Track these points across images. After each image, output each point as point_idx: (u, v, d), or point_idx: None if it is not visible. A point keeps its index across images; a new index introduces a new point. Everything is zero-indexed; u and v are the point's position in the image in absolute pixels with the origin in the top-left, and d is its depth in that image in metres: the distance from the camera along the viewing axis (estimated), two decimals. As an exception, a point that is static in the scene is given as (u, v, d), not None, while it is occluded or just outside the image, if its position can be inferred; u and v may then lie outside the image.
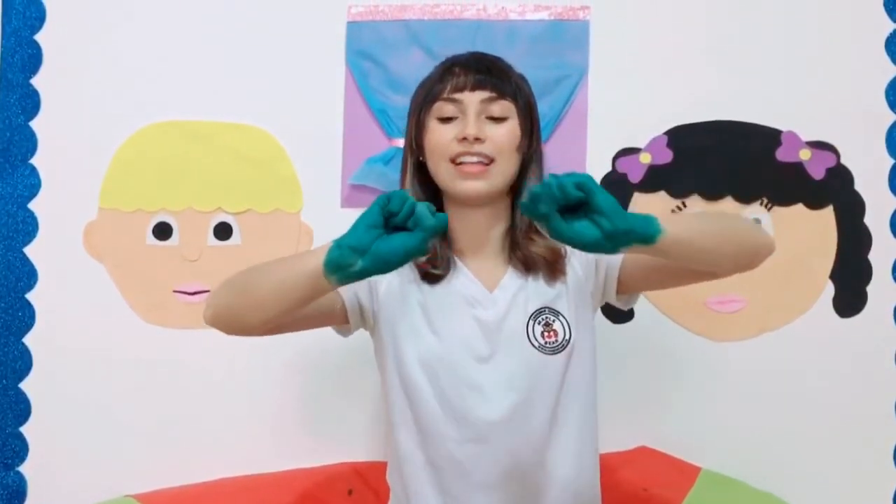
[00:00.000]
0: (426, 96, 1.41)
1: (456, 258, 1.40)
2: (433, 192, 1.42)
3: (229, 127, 1.90)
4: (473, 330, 1.35)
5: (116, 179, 1.90)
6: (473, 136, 1.33)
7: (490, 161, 1.35)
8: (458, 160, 1.35)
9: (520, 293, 1.37)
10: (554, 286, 1.37)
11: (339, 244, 1.18)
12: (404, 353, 1.35)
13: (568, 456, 1.34)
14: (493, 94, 1.37)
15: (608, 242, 1.13)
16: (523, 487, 1.33)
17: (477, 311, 1.36)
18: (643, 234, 1.15)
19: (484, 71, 1.39)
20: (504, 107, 1.37)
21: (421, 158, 1.41)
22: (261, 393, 1.87)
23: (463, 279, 1.38)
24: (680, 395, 1.84)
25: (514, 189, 1.41)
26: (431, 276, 1.38)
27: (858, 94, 1.86)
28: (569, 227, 1.12)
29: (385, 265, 1.16)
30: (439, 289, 1.38)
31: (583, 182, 1.12)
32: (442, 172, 1.37)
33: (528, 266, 1.38)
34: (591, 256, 1.39)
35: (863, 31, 1.87)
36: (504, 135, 1.36)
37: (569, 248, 1.37)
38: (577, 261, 1.40)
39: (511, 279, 1.38)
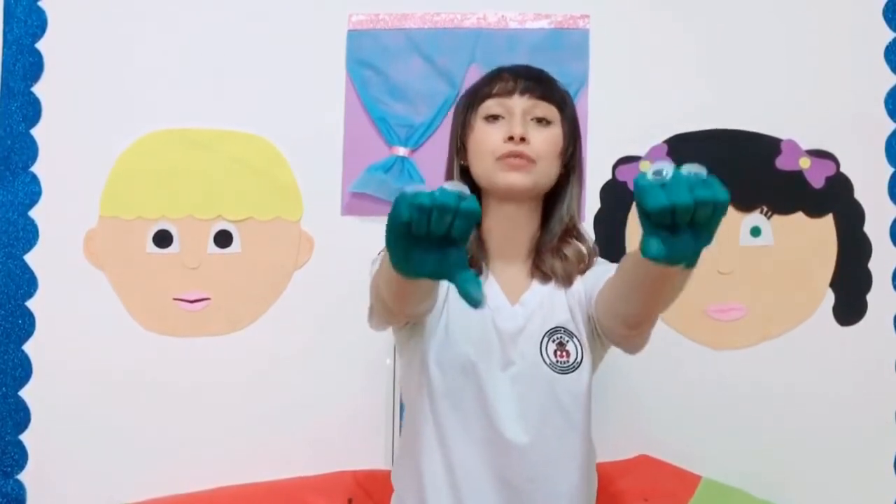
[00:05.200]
0: (473, 98, 1.42)
1: (484, 266, 1.40)
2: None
3: (230, 135, 1.91)
4: (492, 338, 1.35)
5: (117, 187, 1.90)
6: (520, 136, 1.34)
7: (532, 162, 1.36)
8: (504, 160, 1.36)
9: (539, 310, 1.37)
10: (569, 303, 1.38)
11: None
12: (427, 350, 1.36)
13: (573, 469, 1.35)
14: (540, 98, 1.38)
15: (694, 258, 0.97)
16: (527, 496, 1.33)
17: (497, 320, 1.36)
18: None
19: (533, 78, 1.41)
20: (549, 111, 1.39)
21: (463, 162, 1.42)
22: (260, 401, 1.86)
23: (489, 288, 1.38)
24: (680, 403, 1.84)
25: (548, 197, 1.42)
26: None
27: (858, 103, 1.87)
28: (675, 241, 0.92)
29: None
30: None
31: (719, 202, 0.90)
32: (485, 168, 1.38)
33: (551, 279, 1.39)
34: (591, 278, 1.39)
35: (862, 41, 1.88)
36: (548, 139, 1.37)
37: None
38: (582, 281, 1.40)
39: (533, 295, 1.39)
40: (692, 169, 0.89)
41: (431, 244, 0.91)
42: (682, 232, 0.90)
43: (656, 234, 0.90)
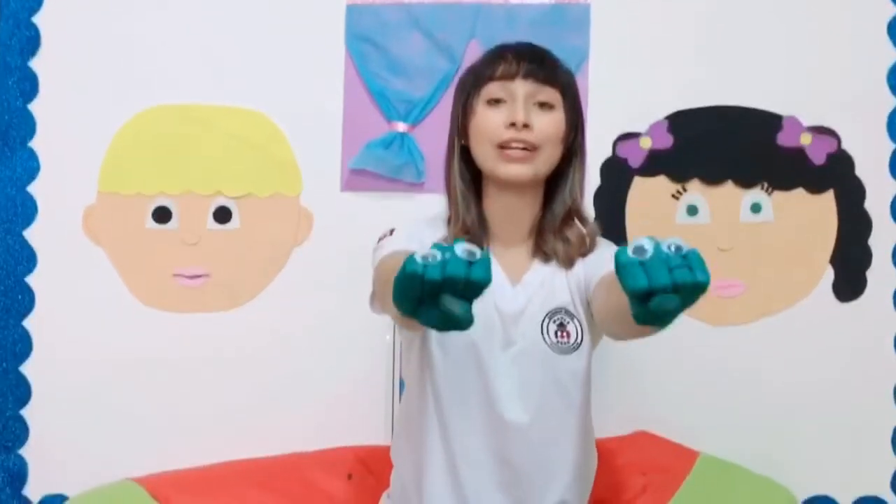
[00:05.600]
0: (476, 80, 1.40)
1: (486, 245, 1.40)
2: (474, 176, 1.42)
3: (229, 111, 1.90)
4: (493, 318, 1.36)
5: (115, 163, 1.90)
6: (522, 122, 1.33)
7: (534, 149, 1.35)
8: (504, 146, 1.35)
9: (539, 290, 1.38)
10: (569, 284, 1.38)
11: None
12: (428, 331, 1.36)
13: (572, 449, 1.36)
14: (544, 83, 1.37)
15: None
16: (526, 475, 1.34)
17: (498, 301, 1.36)
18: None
19: (536, 60, 1.38)
20: (552, 95, 1.37)
21: (464, 142, 1.41)
22: (261, 377, 1.87)
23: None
24: (679, 379, 1.84)
25: (551, 178, 1.41)
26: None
27: (860, 80, 1.86)
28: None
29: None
30: None
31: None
32: (486, 156, 1.37)
33: (552, 259, 1.39)
34: (592, 263, 1.39)
35: (864, 16, 1.86)
36: (550, 123, 1.36)
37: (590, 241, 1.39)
38: (583, 264, 1.40)
39: (534, 275, 1.39)
40: (673, 244, 0.90)
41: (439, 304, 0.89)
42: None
43: (638, 306, 0.91)
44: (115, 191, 1.89)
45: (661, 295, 0.88)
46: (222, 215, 1.89)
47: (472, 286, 0.87)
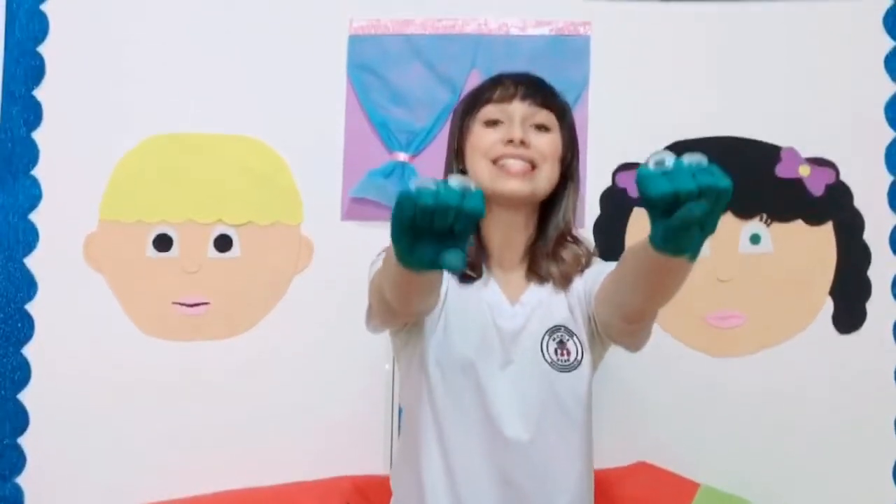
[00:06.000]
0: (473, 102, 1.42)
1: (485, 268, 1.41)
2: None
3: (230, 139, 1.91)
4: (493, 337, 1.36)
5: (117, 191, 1.90)
6: (519, 139, 1.35)
7: (533, 167, 1.36)
8: (501, 161, 1.36)
9: (538, 308, 1.38)
10: (569, 303, 1.38)
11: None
12: (426, 351, 1.36)
13: (574, 468, 1.35)
14: (541, 106, 1.39)
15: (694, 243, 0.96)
16: (527, 494, 1.33)
17: (497, 320, 1.37)
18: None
19: (533, 85, 1.41)
20: (549, 118, 1.39)
21: (461, 167, 1.42)
22: (259, 406, 1.86)
23: (489, 288, 1.39)
24: (679, 410, 1.83)
25: (545, 203, 1.42)
26: (467, 277, 1.38)
27: (858, 111, 1.87)
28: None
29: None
30: (465, 293, 1.38)
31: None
32: (484, 173, 1.37)
33: (548, 281, 1.39)
34: (590, 277, 1.39)
35: (862, 49, 1.88)
36: (548, 143, 1.38)
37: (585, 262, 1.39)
38: (582, 280, 1.40)
39: (532, 294, 1.39)
40: (693, 158, 0.91)
41: (435, 237, 0.93)
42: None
43: (663, 223, 0.92)
44: (116, 218, 1.90)
45: (686, 205, 0.89)
46: (223, 243, 1.90)
47: (464, 214, 0.90)
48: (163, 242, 1.90)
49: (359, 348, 1.77)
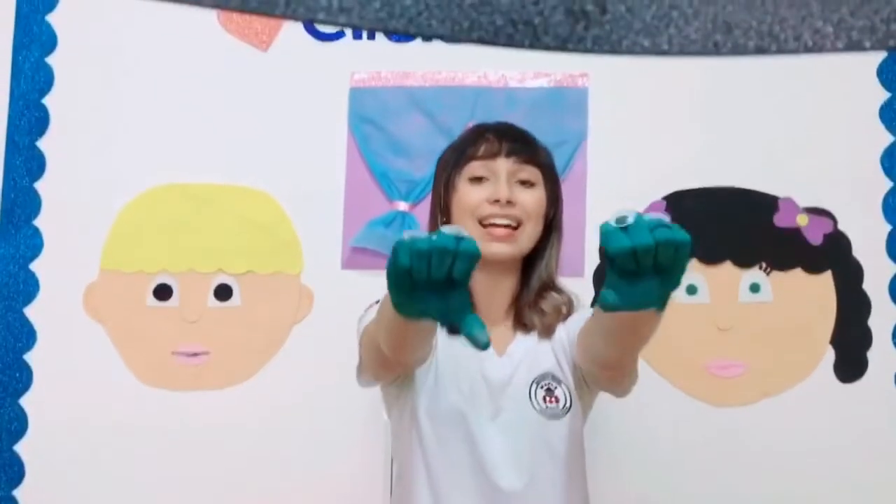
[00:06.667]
0: (458, 158, 1.43)
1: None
2: None
3: (231, 189, 1.92)
4: (480, 387, 1.36)
5: (118, 241, 1.91)
6: (506, 199, 1.36)
7: (518, 224, 1.37)
8: (487, 222, 1.37)
9: (525, 359, 1.38)
10: (554, 351, 1.38)
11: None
12: (417, 402, 1.35)
13: None
14: (525, 162, 1.40)
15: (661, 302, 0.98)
16: None
17: (485, 370, 1.37)
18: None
19: (517, 139, 1.42)
20: (533, 173, 1.40)
21: (445, 220, 1.42)
22: (257, 456, 1.85)
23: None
24: (679, 460, 1.82)
25: (528, 255, 1.42)
26: (456, 330, 1.38)
27: (854, 162, 1.88)
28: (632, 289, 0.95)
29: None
30: (454, 344, 1.38)
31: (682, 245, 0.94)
32: (469, 232, 1.37)
33: (532, 331, 1.40)
34: (572, 325, 1.39)
35: (857, 100, 1.90)
36: (533, 200, 1.39)
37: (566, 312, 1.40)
38: (564, 328, 1.41)
39: (518, 345, 1.40)
40: (654, 216, 0.95)
41: (433, 288, 0.94)
42: (648, 277, 0.94)
43: (618, 283, 0.94)
44: (116, 268, 1.90)
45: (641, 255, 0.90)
46: (223, 293, 1.90)
47: (462, 256, 0.92)
48: (163, 292, 1.90)
49: (358, 399, 1.76)
